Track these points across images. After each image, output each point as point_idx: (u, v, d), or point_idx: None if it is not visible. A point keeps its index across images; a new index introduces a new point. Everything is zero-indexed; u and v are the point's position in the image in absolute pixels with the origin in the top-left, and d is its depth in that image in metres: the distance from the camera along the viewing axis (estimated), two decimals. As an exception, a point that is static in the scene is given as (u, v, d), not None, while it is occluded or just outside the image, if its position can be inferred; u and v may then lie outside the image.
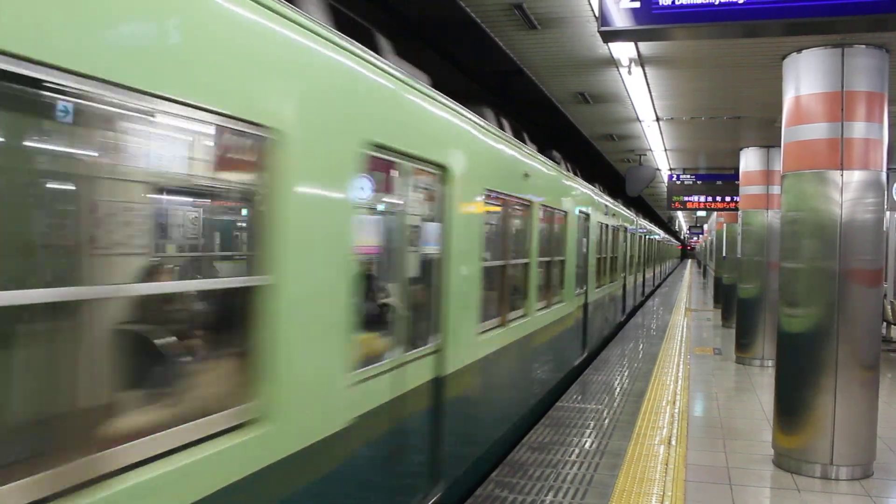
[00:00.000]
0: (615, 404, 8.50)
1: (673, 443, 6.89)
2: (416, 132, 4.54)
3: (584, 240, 11.27)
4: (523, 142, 7.94)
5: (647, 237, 25.66)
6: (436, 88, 4.98)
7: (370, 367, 3.90)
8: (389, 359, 4.21)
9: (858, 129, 5.99)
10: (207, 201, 3.83)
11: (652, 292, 29.55)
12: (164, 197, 3.57)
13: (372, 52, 3.94)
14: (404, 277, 4.49)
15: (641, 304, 23.58)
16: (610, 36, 4.85)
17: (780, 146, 6.61)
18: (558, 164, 9.82)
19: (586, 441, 6.91)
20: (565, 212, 9.46)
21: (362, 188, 3.80)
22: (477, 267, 5.72)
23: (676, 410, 8.24)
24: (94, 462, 2.20)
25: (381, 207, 4.42)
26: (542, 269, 8.35)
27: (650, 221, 30.74)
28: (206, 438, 2.63)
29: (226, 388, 2.91)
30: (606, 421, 7.70)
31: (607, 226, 13.89)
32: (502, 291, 6.84)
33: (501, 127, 7.27)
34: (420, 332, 4.74)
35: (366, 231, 3.97)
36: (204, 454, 2.58)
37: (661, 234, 39.91)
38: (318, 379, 3.36)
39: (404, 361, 4.39)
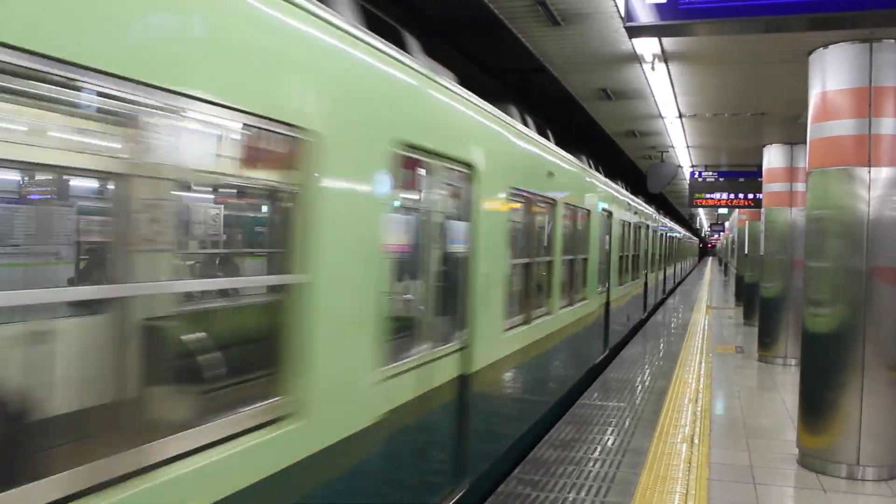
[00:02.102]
0: (637, 402, 8.46)
1: (695, 441, 6.85)
2: (444, 131, 4.53)
3: (607, 237, 11.22)
4: (546, 138, 7.92)
5: (668, 235, 25.50)
6: (460, 86, 4.98)
7: (398, 363, 3.90)
8: (417, 356, 4.22)
9: (887, 125, 5.90)
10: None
11: (672, 290, 29.37)
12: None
13: (401, 51, 3.94)
14: (432, 275, 4.50)
15: (662, 301, 23.44)
16: (636, 31, 4.84)
17: (804, 143, 6.54)
18: (580, 160, 9.79)
19: (608, 439, 6.89)
20: (588, 210, 9.42)
21: (392, 186, 3.78)
22: (503, 264, 5.71)
23: (699, 409, 8.19)
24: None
25: (410, 206, 4.41)
26: (566, 267, 8.33)
27: (671, 218, 30.54)
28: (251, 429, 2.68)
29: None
30: (628, 419, 7.67)
31: (629, 223, 13.82)
32: (527, 289, 6.84)
33: (525, 124, 7.25)
34: (447, 328, 4.75)
35: (396, 229, 3.97)
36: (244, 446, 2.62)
37: (682, 231, 39.63)
38: (350, 374, 3.37)
39: (431, 359, 4.39)
